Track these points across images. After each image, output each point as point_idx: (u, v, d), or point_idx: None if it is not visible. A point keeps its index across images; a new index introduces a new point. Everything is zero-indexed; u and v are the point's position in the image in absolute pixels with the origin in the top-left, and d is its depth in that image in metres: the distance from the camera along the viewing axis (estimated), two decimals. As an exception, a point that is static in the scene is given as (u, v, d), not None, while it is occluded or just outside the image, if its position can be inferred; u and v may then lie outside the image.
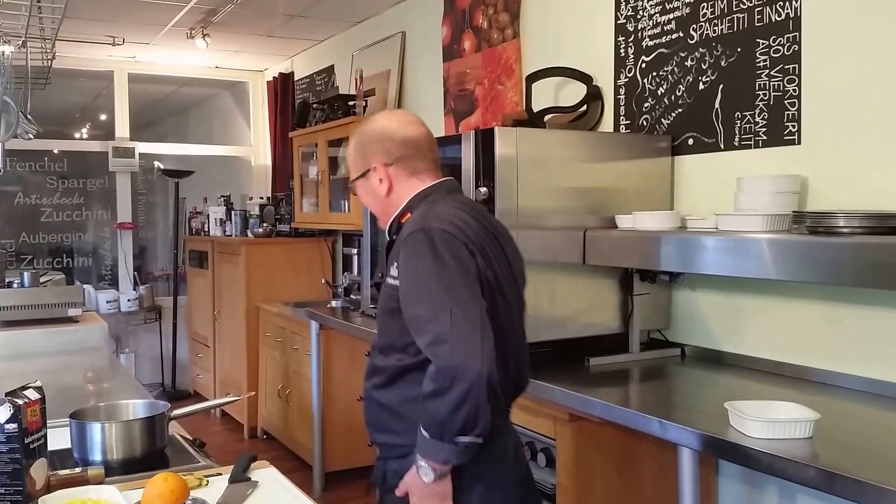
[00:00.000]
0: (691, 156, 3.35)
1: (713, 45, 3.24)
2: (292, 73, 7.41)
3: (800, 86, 2.91)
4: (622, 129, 3.67)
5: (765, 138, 3.04)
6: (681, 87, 3.38)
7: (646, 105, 3.55)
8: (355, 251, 6.03)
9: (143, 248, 8.44)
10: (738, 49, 3.13)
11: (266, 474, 2.09)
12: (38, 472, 1.86)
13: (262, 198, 7.17)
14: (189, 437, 2.48)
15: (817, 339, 2.89)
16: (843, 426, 2.38)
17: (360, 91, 5.41)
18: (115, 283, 7.83)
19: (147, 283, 7.88)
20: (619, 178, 3.30)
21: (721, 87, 3.21)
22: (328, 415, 5.11)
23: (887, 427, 2.42)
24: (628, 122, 3.64)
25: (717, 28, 3.22)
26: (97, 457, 2.16)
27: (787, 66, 2.95)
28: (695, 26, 3.32)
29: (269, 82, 7.72)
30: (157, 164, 7.86)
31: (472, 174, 3.10)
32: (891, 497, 1.81)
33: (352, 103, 5.41)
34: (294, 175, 6.35)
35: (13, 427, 1.80)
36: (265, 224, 6.68)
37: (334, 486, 5.12)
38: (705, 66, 3.27)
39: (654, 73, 3.51)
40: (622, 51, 3.67)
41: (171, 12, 5.82)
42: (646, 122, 3.55)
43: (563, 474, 2.84)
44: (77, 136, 8.91)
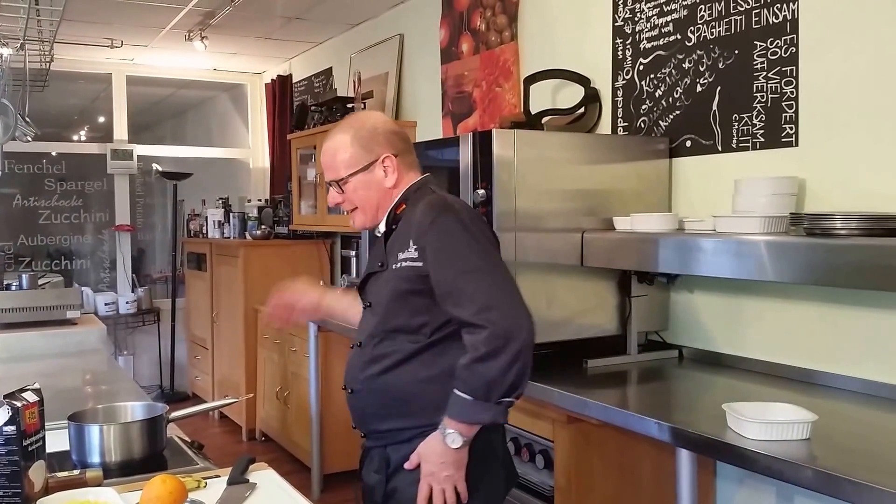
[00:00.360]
0: (689, 158, 3.36)
1: (711, 47, 3.24)
2: (290, 76, 7.41)
3: (797, 88, 2.91)
4: (620, 131, 3.68)
5: (762, 140, 3.04)
6: (678, 89, 3.39)
7: (643, 107, 3.55)
8: (353, 253, 6.03)
9: (142, 250, 8.43)
10: (736, 51, 3.14)
11: (264, 476, 2.09)
12: (37, 474, 1.86)
13: (260, 200, 7.17)
14: (187, 439, 2.48)
15: (815, 340, 2.89)
16: (840, 428, 2.39)
17: (359, 93, 5.41)
18: (113, 286, 7.83)
19: (145, 286, 7.89)
20: (616, 180, 3.30)
21: (718, 89, 3.21)
22: (326, 417, 5.11)
23: (884, 428, 2.43)
24: (626, 124, 3.65)
25: (714, 30, 3.22)
26: (95, 459, 2.14)
27: (784, 69, 2.95)
28: (692, 28, 3.32)
29: (267, 84, 7.72)
30: (156, 166, 7.86)
31: (469, 176, 3.10)
32: (888, 498, 1.81)
33: (350, 105, 5.41)
34: (292, 177, 6.35)
35: (11, 429, 1.80)
36: (263, 226, 6.69)
37: (332, 487, 5.12)
38: (703, 69, 3.28)
39: (652, 76, 3.51)
40: (620, 53, 3.68)
41: (170, 15, 5.82)
42: (643, 124, 3.55)
43: (562, 476, 2.84)
44: (75, 138, 8.91)
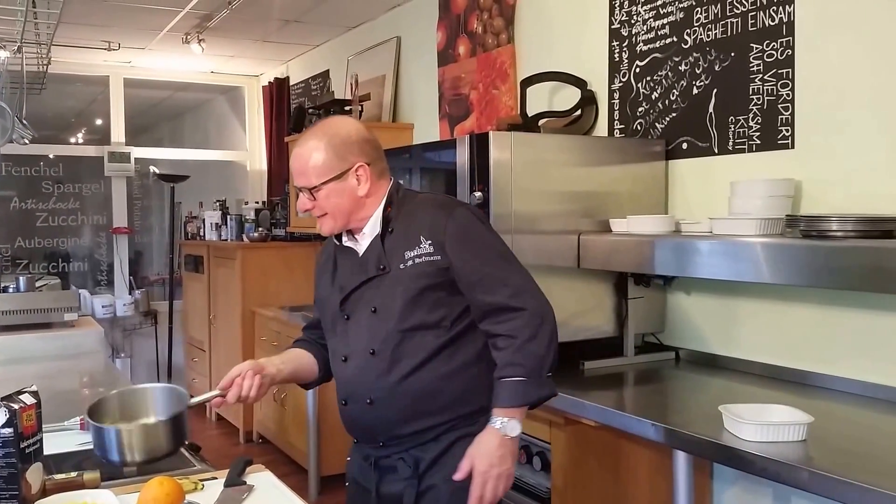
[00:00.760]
0: (685, 160, 3.36)
1: (707, 49, 3.25)
2: (288, 78, 7.42)
3: (793, 90, 2.92)
4: (616, 134, 3.68)
5: (758, 142, 3.05)
6: (675, 91, 3.40)
7: (640, 109, 3.56)
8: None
9: (139, 252, 8.43)
10: (732, 54, 3.14)
11: (261, 478, 2.10)
12: (34, 476, 1.86)
13: (257, 202, 7.17)
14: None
15: (811, 342, 2.90)
16: (836, 429, 2.39)
17: (356, 96, 5.41)
18: (110, 288, 7.83)
19: (143, 288, 7.88)
20: (613, 183, 3.31)
21: (715, 91, 3.22)
22: (323, 418, 5.11)
23: (880, 430, 2.43)
24: (622, 126, 3.65)
25: (710, 33, 3.23)
26: (115, 457, 2.01)
27: (780, 71, 2.96)
28: (688, 31, 3.33)
29: (264, 87, 7.72)
30: (153, 168, 7.86)
31: (466, 178, 3.10)
32: (884, 500, 1.82)
33: (347, 108, 5.41)
34: (289, 179, 6.34)
35: (9, 431, 1.80)
36: (261, 228, 6.68)
37: (330, 490, 5.12)
38: (699, 71, 3.29)
39: (649, 78, 3.52)
40: (616, 55, 3.69)
41: (167, 17, 5.83)
42: (640, 127, 3.56)
43: (559, 478, 2.85)
44: (73, 140, 8.90)
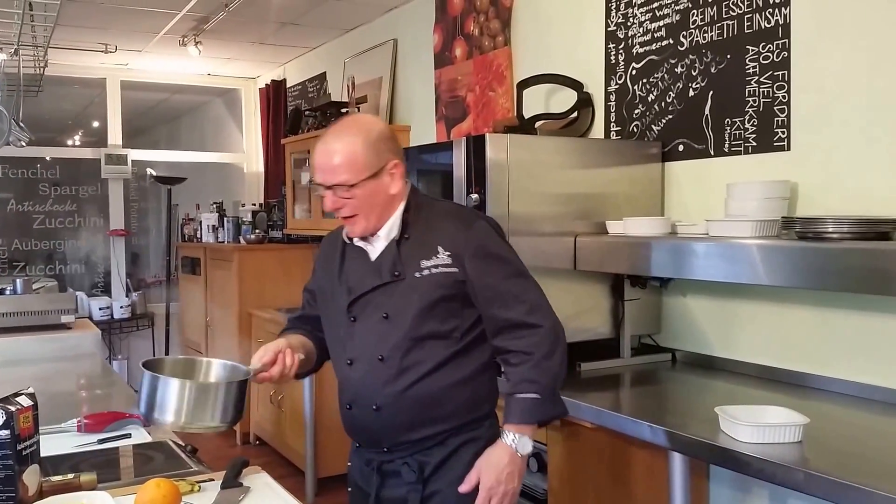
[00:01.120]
0: (681, 162, 3.37)
1: (703, 51, 3.26)
2: (284, 81, 7.42)
3: (789, 92, 2.93)
4: (613, 136, 3.69)
5: (754, 144, 3.06)
6: (671, 93, 3.40)
7: (636, 111, 3.57)
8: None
9: (136, 254, 8.42)
10: (728, 56, 3.15)
11: (258, 480, 2.10)
12: (31, 478, 1.86)
13: (254, 204, 7.17)
14: (181, 442, 2.48)
15: (807, 343, 2.90)
16: (832, 430, 2.40)
17: (352, 98, 5.42)
18: (107, 290, 7.82)
19: (140, 290, 7.87)
20: (609, 185, 3.31)
21: (711, 93, 3.23)
22: (320, 420, 5.11)
23: (876, 431, 2.44)
24: (619, 128, 3.66)
25: (706, 35, 3.24)
26: (165, 415, 1.88)
27: (776, 73, 2.97)
28: (685, 33, 3.33)
29: (261, 89, 7.72)
30: (150, 170, 7.86)
31: (463, 180, 3.11)
32: (879, 501, 1.82)
33: (344, 110, 5.42)
34: (286, 182, 6.35)
35: (5, 433, 1.80)
36: (257, 230, 6.68)
37: (327, 491, 5.12)
38: (695, 73, 3.29)
39: (645, 80, 3.52)
40: (612, 58, 3.69)
41: (164, 20, 5.83)
42: (636, 129, 3.57)
43: (555, 479, 2.85)
44: (69, 143, 8.90)
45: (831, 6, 2.80)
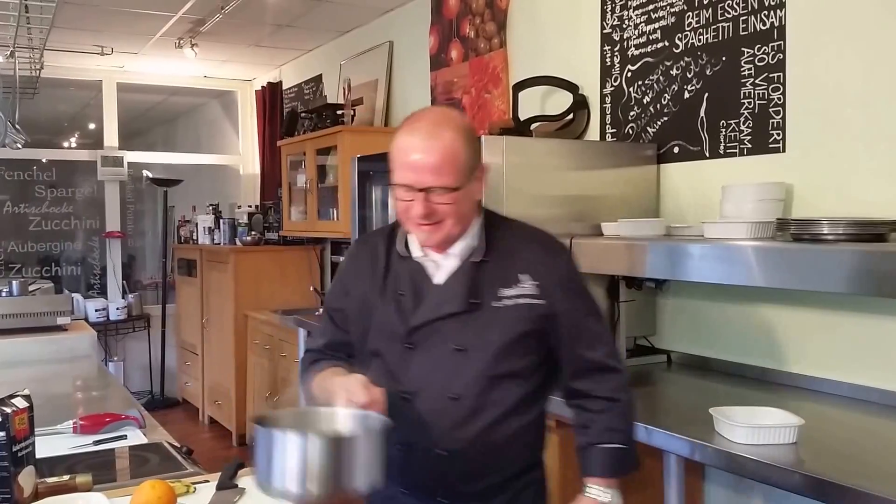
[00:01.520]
0: (677, 164, 3.38)
1: (698, 53, 3.26)
2: (280, 83, 7.42)
3: (784, 94, 2.93)
4: (608, 138, 3.69)
5: (749, 146, 3.06)
6: (666, 95, 3.41)
7: (631, 113, 3.57)
8: (343, 259, 6.03)
9: (132, 256, 8.42)
10: (723, 58, 3.16)
11: (253, 481, 2.09)
12: (26, 480, 1.86)
13: (250, 206, 7.17)
14: (177, 443, 2.48)
15: (802, 345, 2.91)
16: (827, 431, 2.40)
17: (348, 100, 5.43)
18: (103, 292, 7.82)
19: (136, 292, 7.87)
20: (605, 186, 3.32)
21: (706, 95, 3.24)
22: (317, 423, 5.10)
23: (871, 432, 2.44)
24: (614, 130, 3.66)
25: (702, 37, 3.25)
26: (294, 486, 1.52)
27: (771, 75, 2.97)
28: (680, 35, 3.34)
29: (257, 91, 7.72)
30: (146, 172, 7.86)
31: (459, 182, 3.10)
32: (874, 502, 1.82)
33: (340, 112, 5.42)
34: (282, 183, 6.35)
35: (1, 435, 1.80)
36: (253, 232, 6.69)
37: (323, 494, 5.11)
38: (690, 75, 3.30)
39: (640, 82, 3.53)
40: (608, 60, 3.70)
41: (160, 22, 5.83)
42: (632, 131, 3.57)
43: (550, 481, 2.84)
44: (66, 145, 8.90)
45: (826, 8, 2.81)
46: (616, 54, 3.65)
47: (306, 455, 1.50)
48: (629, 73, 3.59)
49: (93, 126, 8.37)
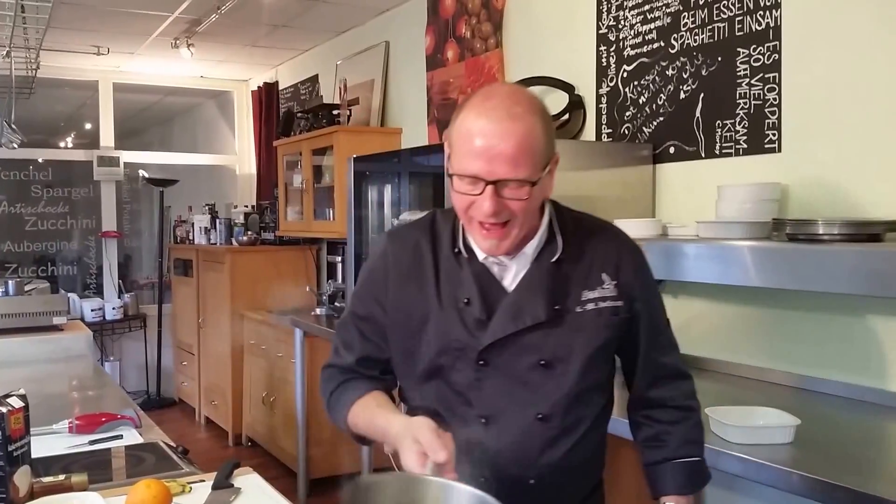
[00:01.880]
0: (673, 164, 3.38)
1: (694, 54, 3.27)
2: (277, 83, 7.42)
3: (780, 94, 2.94)
4: (604, 138, 3.70)
5: (745, 146, 3.07)
6: (662, 95, 3.41)
7: (627, 114, 3.58)
8: (339, 259, 6.03)
9: (128, 256, 8.42)
10: (719, 58, 3.16)
11: (249, 481, 2.09)
12: (22, 479, 1.86)
13: (246, 206, 7.18)
14: (173, 443, 2.48)
15: (798, 345, 2.91)
16: (823, 432, 2.40)
17: (344, 100, 5.42)
18: (99, 292, 7.81)
19: (132, 292, 7.86)
20: (601, 187, 3.32)
21: (702, 95, 3.24)
22: (312, 422, 5.11)
23: (868, 433, 2.44)
24: (610, 130, 3.67)
25: (697, 37, 3.25)
26: None
27: (767, 75, 2.98)
28: (676, 36, 3.34)
29: (253, 91, 7.72)
30: (142, 172, 7.85)
31: (455, 182, 3.10)
32: (870, 502, 1.82)
33: (336, 112, 5.43)
34: (278, 183, 6.35)
35: (-4, 435, 1.80)
36: (250, 232, 6.69)
37: (318, 493, 5.11)
38: (686, 76, 3.30)
39: (636, 83, 3.53)
40: (604, 60, 3.70)
41: (156, 22, 5.82)
42: (627, 131, 3.57)
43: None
44: (62, 145, 8.88)
45: (822, 9, 2.81)
46: (612, 54, 3.66)
47: None
48: (625, 74, 3.59)
49: (89, 126, 8.36)
